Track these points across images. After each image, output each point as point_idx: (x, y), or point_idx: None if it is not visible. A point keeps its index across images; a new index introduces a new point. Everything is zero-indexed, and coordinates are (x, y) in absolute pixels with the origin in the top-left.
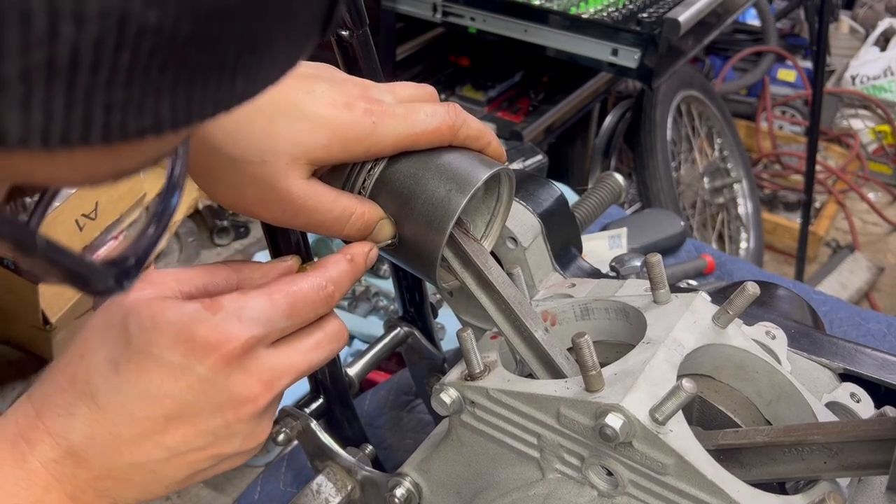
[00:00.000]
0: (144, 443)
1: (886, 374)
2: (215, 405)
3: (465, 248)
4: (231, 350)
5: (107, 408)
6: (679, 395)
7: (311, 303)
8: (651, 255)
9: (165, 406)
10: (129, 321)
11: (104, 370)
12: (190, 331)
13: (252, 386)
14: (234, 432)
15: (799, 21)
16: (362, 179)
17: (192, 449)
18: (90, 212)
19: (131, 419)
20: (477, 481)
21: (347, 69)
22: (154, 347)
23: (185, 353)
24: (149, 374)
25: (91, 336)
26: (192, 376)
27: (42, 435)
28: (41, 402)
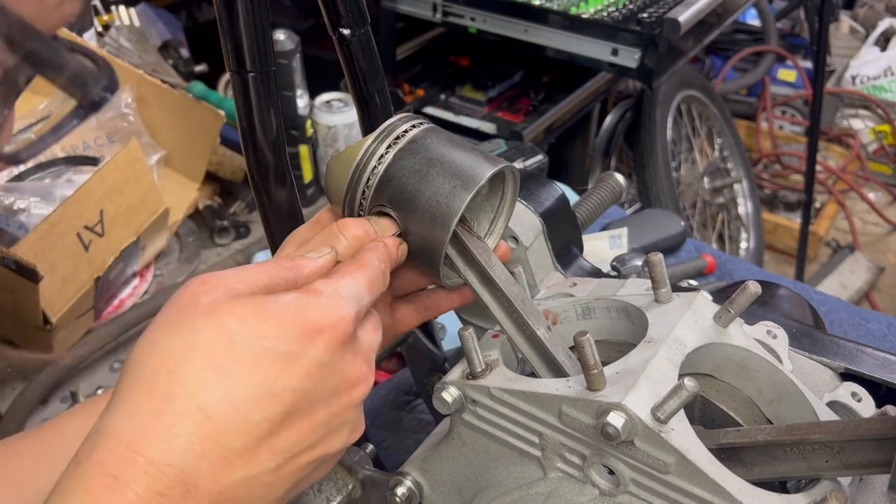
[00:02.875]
0: (258, 450)
1: (887, 374)
2: (332, 391)
3: (469, 245)
4: (344, 329)
5: (219, 418)
6: (681, 394)
7: (380, 277)
8: (653, 254)
9: (285, 401)
10: (227, 322)
11: (209, 378)
12: (301, 316)
13: (361, 366)
14: (344, 421)
15: (799, 21)
16: (367, 177)
17: (304, 448)
18: (95, 224)
19: (247, 425)
20: (478, 480)
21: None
22: (265, 341)
23: (301, 340)
24: (263, 369)
25: (173, 346)
26: (310, 362)
27: (142, 468)
28: (130, 435)
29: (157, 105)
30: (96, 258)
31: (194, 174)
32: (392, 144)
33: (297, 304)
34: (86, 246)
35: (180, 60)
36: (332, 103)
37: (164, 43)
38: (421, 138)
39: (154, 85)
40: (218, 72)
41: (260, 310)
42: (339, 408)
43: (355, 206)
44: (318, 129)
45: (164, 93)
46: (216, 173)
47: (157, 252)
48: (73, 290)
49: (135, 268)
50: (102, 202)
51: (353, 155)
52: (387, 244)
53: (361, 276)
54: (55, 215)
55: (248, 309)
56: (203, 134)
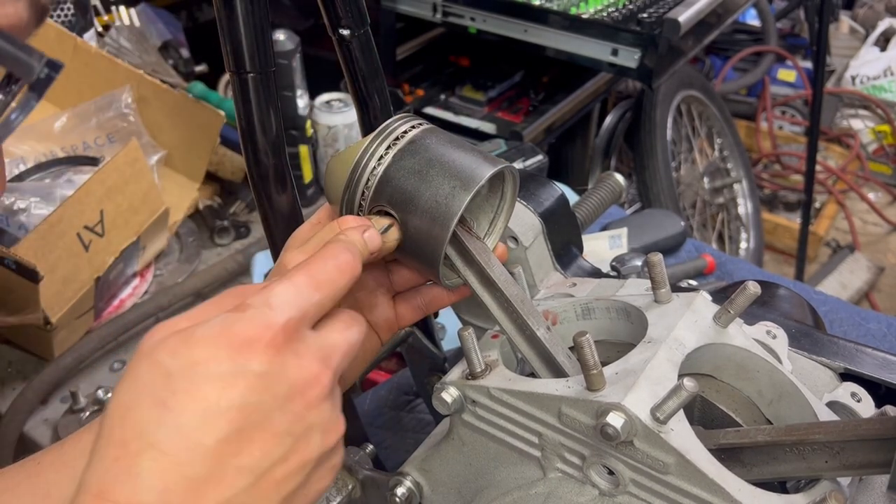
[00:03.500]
0: (224, 472)
1: (887, 374)
2: (281, 398)
3: (468, 245)
4: (274, 337)
5: (172, 450)
6: (680, 395)
7: (333, 271)
8: (652, 254)
9: (233, 420)
10: (161, 357)
11: (154, 415)
12: (227, 334)
13: (309, 366)
14: (310, 425)
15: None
16: (366, 177)
17: (275, 462)
18: (95, 224)
19: (202, 450)
20: (478, 480)
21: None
22: (198, 367)
23: (232, 357)
24: (203, 394)
25: (122, 396)
26: (248, 376)
27: None
28: (98, 484)
29: (158, 105)
30: (96, 258)
31: (194, 174)
32: (392, 145)
33: (223, 324)
34: (86, 246)
35: (180, 60)
36: (332, 103)
37: (164, 43)
38: (420, 139)
39: (154, 85)
40: (218, 72)
41: (188, 339)
42: (295, 413)
43: (354, 207)
44: (318, 129)
45: (165, 93)
46: (216, 173)
47: (157, 252)
48: (73, 290)
49: (135, 268)
50: (102, 202)
51: (353, 155)
52: (348, 236)
53: (302, 276)
54: (55, 215)
55: (178, 341)
56: (203, 134)
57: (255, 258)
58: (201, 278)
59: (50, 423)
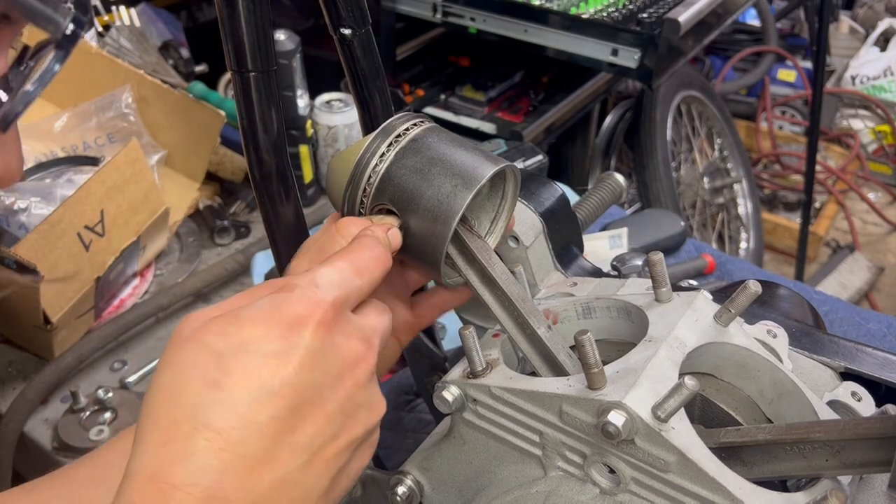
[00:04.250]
0: (278, 451)
1: (887, 373)
2: (333, 375)
3: (470, 244)
4: (325, 314)
5: (226, 429)
6: (681, 393)
7: (372, 258)
8: (653, 253)
9: (287, 397)
10: (209, 341)
11: (206, 395)
12: (278, 313)
13: (356, 345)
14: (358, 403)
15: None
16: (368, 175)
17: (327, 440)
18: (95, 224)
19: (257, 429)
20: (479, 479)
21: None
22: (249, 345)
23: (284, 335)
24: (256, 372)
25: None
26: (301, 353)
27: (168, 494)
28: (150, 468)
29: (158, 105)
30: (96, 258)
31: (195, 174)
32: (393, 143)
33: (272, 303)
34: (86, 246)
35: (180, 60)
36: (333, 103)
37: (164, 43)
38: (422, 137)
39: (154, 85)
40: (218, 72)
41: (235, 319)
42: (346, 391)
43: (356, 205)
44: (318, 129)
45: (165, 93)
46: (216, 173)
47: (157, 252)
48: (73, 290)
49: (135, 268)
50: (103, 202)
51: (355, 154)
52: (374, 233)
53: (343, 262)
54: (55, 215)
55: (225, 322)
56: (203, 134)
57: (255, 258)
58: (201, 278)
59: (50, 423)
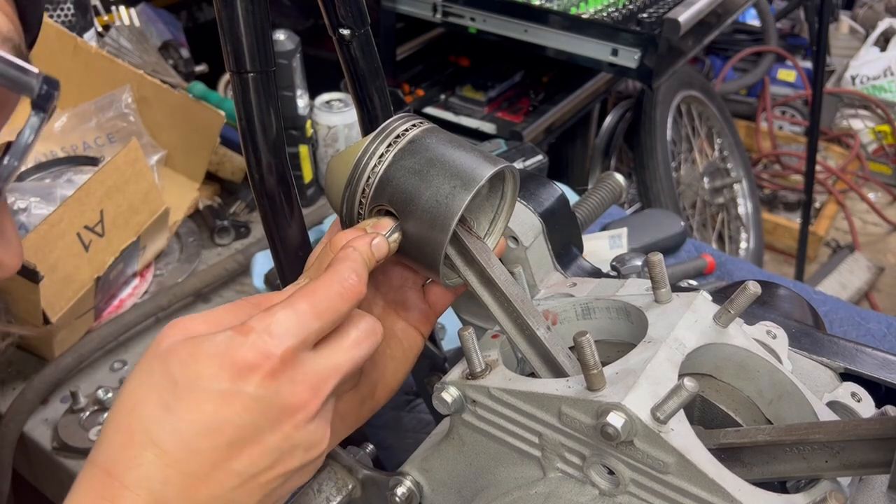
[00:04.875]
0: (216, 473)
1: (887, 374)
2: (272, 420)
3: (469, 245)
4: (272, 365)
5: (172, 450)
6: (680, 394)
7: (336, 298)
8: (652, 254)
9: (226, 433)
10: (170, 364)
11: (158, 416)
12: (230, 356)
13: (300, 393)
14: (295, 443)
15: (799, 21)
16: (367, 176)
17: (261, 470)
18: (95, 224)
19: (198, 454)
20: (478, 480)
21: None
22: (201, 381)
23: (232, 378)
24: (202, 406)
25: (135, 389)
26: (244, 398)
27: (120, 492)
28: (108, 462)
29: (158, 105)
30: (96, 258)
31: (194, 174)
32: (392, 144)
33: (228, 345)
34: (86, 246)
35: (180, 60)
36: (332, 103)
37: (164, 43)
38: (421, 138)
39: (154, 85)
40: (218, 72)
41: (195, 352)
42: (283, 433)
43: (355, 206)
44: (318, 129)
45: (165, 93)
46: (216, 173)
47: (157, 252)
48: (73, 290)
49: (135, 268)
50: (102, 202)
51: (354, 155)
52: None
53: (304, 303)
54: (55, 215)
55: (188, 351)
56: (203, 134)
57: (255, 258)
58: (201, 278)
59: (50, 423)
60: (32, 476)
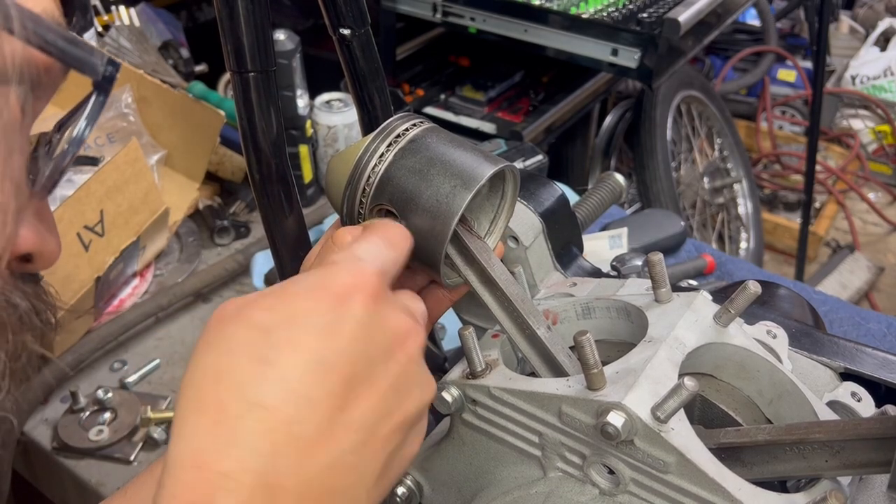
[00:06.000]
0: (333, 429)
1: (887, 374)
2: (383, 348)
3: (469, 245)
4: (373, 285)
5: (278, 406)
6: (681, 394)
7: (398, 233)
8: (652, 253)
9: (340, 371)
10: (254, 316)
11: (255, 372)
12: (325, 287)
13: (404, 319)
14: (410, 379)
15: (799, 21)
16: (367, 176)
17: (381, 417)
18: (95, 224)
19: (311, 405)
20: (478, 480)
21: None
22: (298, 319)
23: (334, 306)
24: (307, 345)
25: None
26: (352, 324)
27: (218, 485)
28: (196, 455)
29: (158, 105)
30: (96, 258)
31: (194, 174)
32: (392, 143)
33: (317, 278)
34: (86, 246)
35: (180, 60)
36: (332, 103)
37: (164, 43)
38: (421, 137)
39: (154, 85)
40: (218, 72)
41: (282, 295)
42: (399, 365)
43: (355, 206)
44: (318, 129)
45: (165, 93)
46: (216, 173)
47: (157, 252)
48: (73, 290)
49: (135, 268)
50: (102, 202)
51: (354, 154)
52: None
53: (375, 236)
54: (55, 215)
55: (272, 299)
56: (203, 134)
57: (255, 258)
58: (201, 278)
59: (50, 423)
60: (32, 476)
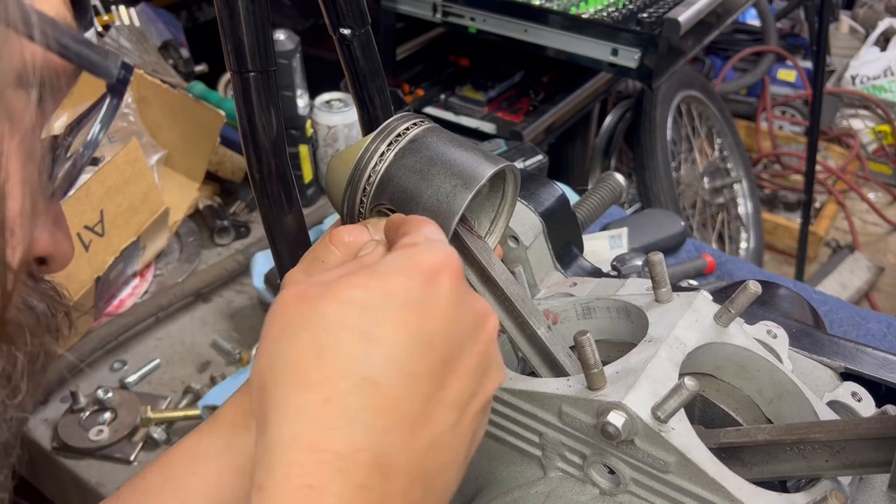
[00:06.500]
0: (433, 409)
1: (887, 374)
2: (471, 328)
3: (469, 244)
4: (456, 263)
5: (388, 383)
6: (681, 394)
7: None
8: (653, 253)
9: (438, 349)
10: (350, 294)
11: (361, 347)
12: (415, 265)
13: (481, 301)
14: (491, 359)
15: (799, 21)
16: (367, 175)
17: (470, 395)
18: (95, 224)
19: (416, 383)
20: (478, 479)
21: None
22: (395, 296)
23: (426, 285)
24: (407, 322)
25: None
26: (444, 303)
27: (334, 466)
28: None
29: (158, 105)
30: (96, 258)
31: (194, 174)
32: (393, 143)
33: (405, 257)
34: (86, 246)
35: (180, 60)
36: (332, 103)
37: (164, 43)
38: (421, 137)
39: (154, 85)
40: (218, 72)
41: (374, 273)
42: (483, 344)
43: (356, 206)
44: (318, 129)
45: (165, 93)
46: (216, 173)
47: (157, 252)
48: (73, 290)
49: (135, 268)
50: (102, 202)
51: (354, 154)
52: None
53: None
54: None
55: (364, 277)
56: (203, 134)
57: (255, 258)
58: (201, 278)
59: (50, 422)
60: (32, 476)
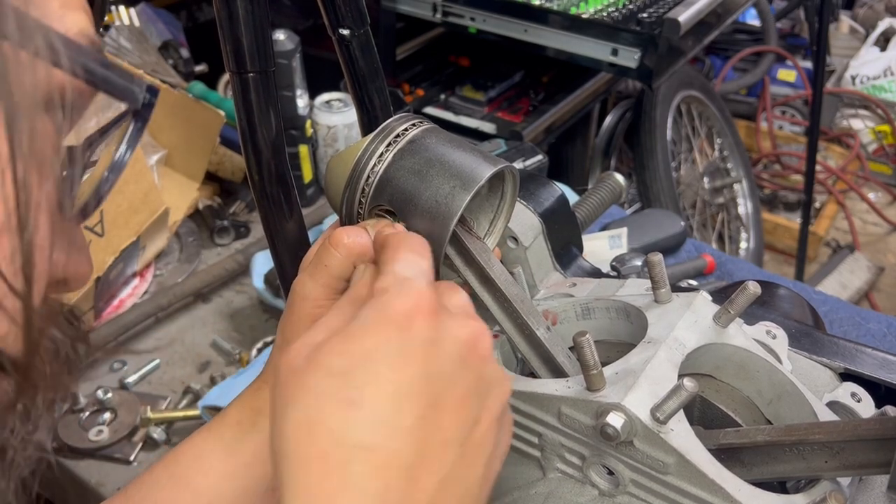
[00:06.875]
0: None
1: (887, 374)
2: (455, 359)
3: (468, 245)
4: (428, 300)
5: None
6: (680, 395)
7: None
8: (652, 254)
9: (423, 394)
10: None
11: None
12: (386, 316)
13: (466, 324)
14: (487, 380)
15: (799, 21)
16: (366, 176)
17: (472, 424)
18: (94, 224)
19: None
20: None
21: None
22: (372, 355)
23: (400, 332)
24: (387, 378)
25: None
26: (421, 347)
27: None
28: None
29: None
30: (96, 258)
31: (194, 174)
32: (392, 144)
33: (376, 310)
34: None
35: (180, 60)
36: (332, 103)
37: (164, 43)
38: (420, 138)
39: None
40: (218, 72)
41: (348, 336)
42: (473, 370)
43: (354, 207)
44: (317, 129)
45: (164, 93)
46: (216, 173)
47: (157, 252)
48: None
49: (135, 268)
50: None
51: (353, 155)
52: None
53: (404, 250)
54: None
55: (339, 343)
56: (203, 134)
57: (255, 258)
58: (201, 278)
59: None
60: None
